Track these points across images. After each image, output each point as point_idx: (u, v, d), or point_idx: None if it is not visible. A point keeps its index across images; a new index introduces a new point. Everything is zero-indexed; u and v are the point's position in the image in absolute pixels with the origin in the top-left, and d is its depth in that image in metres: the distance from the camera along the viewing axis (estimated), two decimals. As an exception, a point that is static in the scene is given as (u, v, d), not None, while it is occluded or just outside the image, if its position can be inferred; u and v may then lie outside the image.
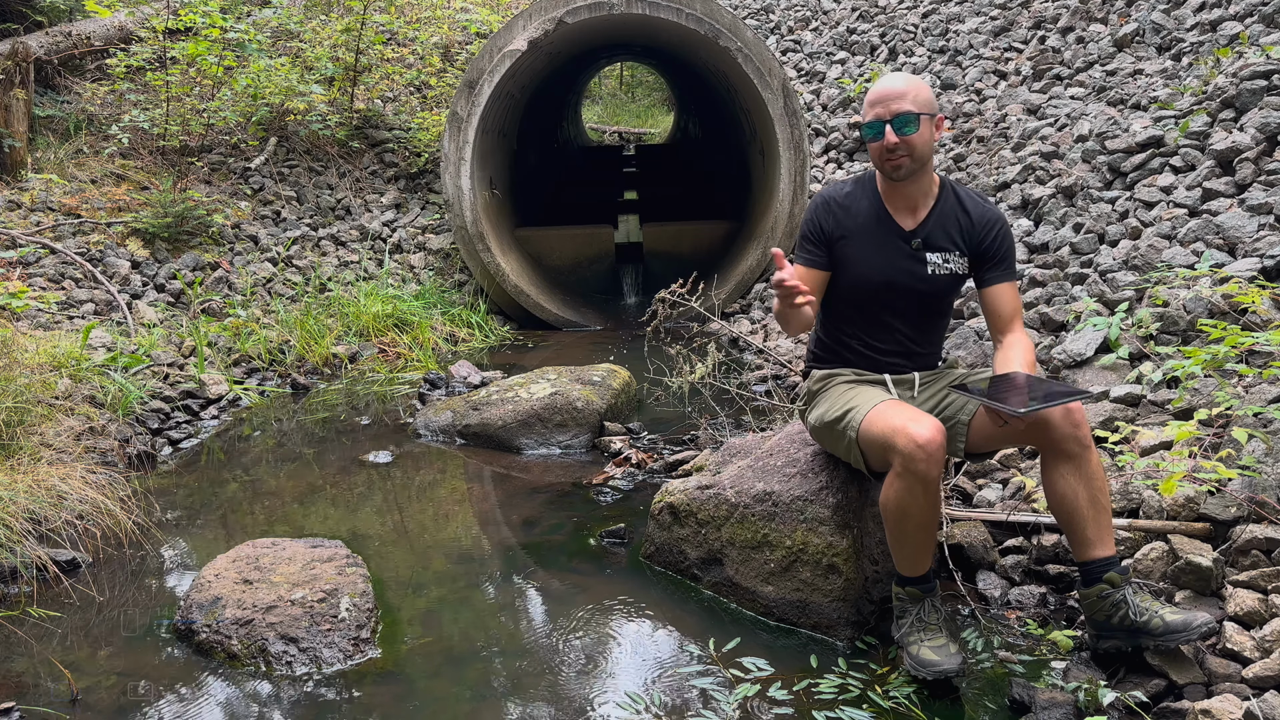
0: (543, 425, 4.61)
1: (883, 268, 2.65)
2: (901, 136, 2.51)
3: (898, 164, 2.55)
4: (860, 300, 2.70)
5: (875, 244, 2.65)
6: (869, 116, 2.57)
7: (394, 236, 7.73)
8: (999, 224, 2.67)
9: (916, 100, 2.52)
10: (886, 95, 2.54)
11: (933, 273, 2.64)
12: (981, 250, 2.66)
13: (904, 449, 2.29)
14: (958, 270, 2.66)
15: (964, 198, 2.69)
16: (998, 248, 2.65)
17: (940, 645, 2.40)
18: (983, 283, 2.68)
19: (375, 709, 2.43)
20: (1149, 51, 6.34)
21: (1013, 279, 2.68)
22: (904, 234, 2.65)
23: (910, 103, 2.51)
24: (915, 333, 2.73)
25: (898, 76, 2.58)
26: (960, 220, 2.66)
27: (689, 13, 6.85)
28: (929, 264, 2.64)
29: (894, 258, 2.65)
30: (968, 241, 2.65)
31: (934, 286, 2.66)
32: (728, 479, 3.05)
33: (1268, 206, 3.95)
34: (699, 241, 8.21)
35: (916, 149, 2.54)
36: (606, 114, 18.08)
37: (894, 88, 2.53)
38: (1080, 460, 2.36)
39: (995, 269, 2.66)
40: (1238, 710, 2.02)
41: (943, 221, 2.65)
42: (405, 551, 3.45)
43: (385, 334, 6.53)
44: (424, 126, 8.38)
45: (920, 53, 8.50)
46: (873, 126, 2.56)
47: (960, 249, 2.65)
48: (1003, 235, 2.66)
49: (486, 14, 9.98)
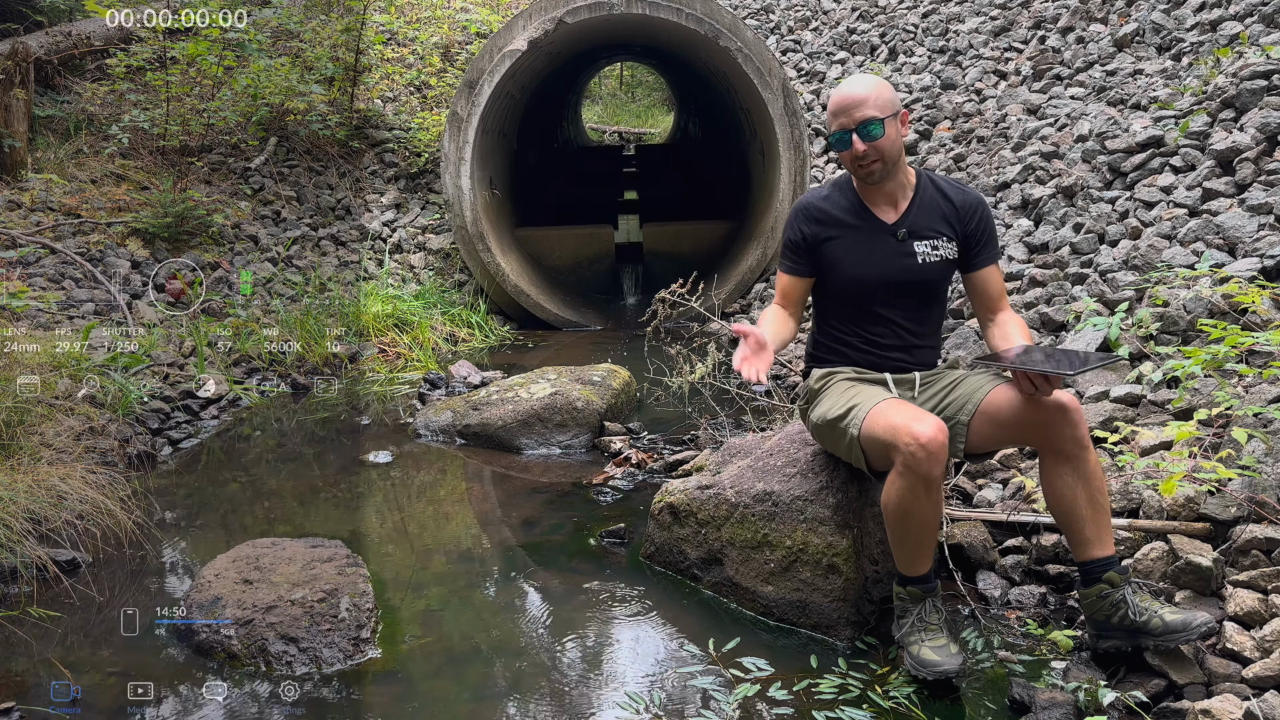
0: (543, 425, 4.61)
1: (874, 263, 2.66)
2: (869, 143, 2.53)
3: (870, 169, 2.58)
4: (855, 297, 2.72)
5: (862, 242, 2.67)
6: (833, 127, 2.58)
7: (394, 236, 7.73)
8: (981, 206, 2.71)
9: (878, 104, 2.53)
10: (848, 103, 2.54)
11: (923, 261, 2.66)
12: (968, 235, 2.69)
13: (906, 448, 2.29)
14: (948, 256, 2.68)
15: (942, 185, 2.72)
16: (983, 230, 2.70)
17: (941, 645, 2.40)
18: (971, 266, 2.72)
19: (375, 709, 2.43)
20: (1149, 51, 6.34)
21: (997, 260, 2.74)
22: (888, 228, 2.67)
23: (872, 107, 2.52)
24: (913, 324, 2.74)
25: (856, 82, 2.58)
26: (943, 207, 2.69)
27: (689, 13, 6.85)
28: (918, 254, 2.66)
29: (883, 252, 2.67)
30: (954, 227, 2.68)
31: (926, 275, 2.68)
32: (728, 479, 3.05)
33: (1268, 206, 3.95)
34: (699, 241, 8.21)
35: (885, 152, 2.55)
36: (606, 114, 18.09)
37: (854, 94, 2.54)
38: (1079, 460, 2.36)
39: (983, 252, 2.71)
40: (1238, 710, 2.02)
41: (925, 210, 2.68)
42: (405, 551, 3.45)
43: (385, 334, 6.53)
44: (424, 126, 8.38)
45: (920, 53, 8.50)
46: (837, 138, 2.58)
47: (948, 235, 2.68)
48: (986, 217, 2.71)
49: (486, 14, 9.99)
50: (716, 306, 6.63)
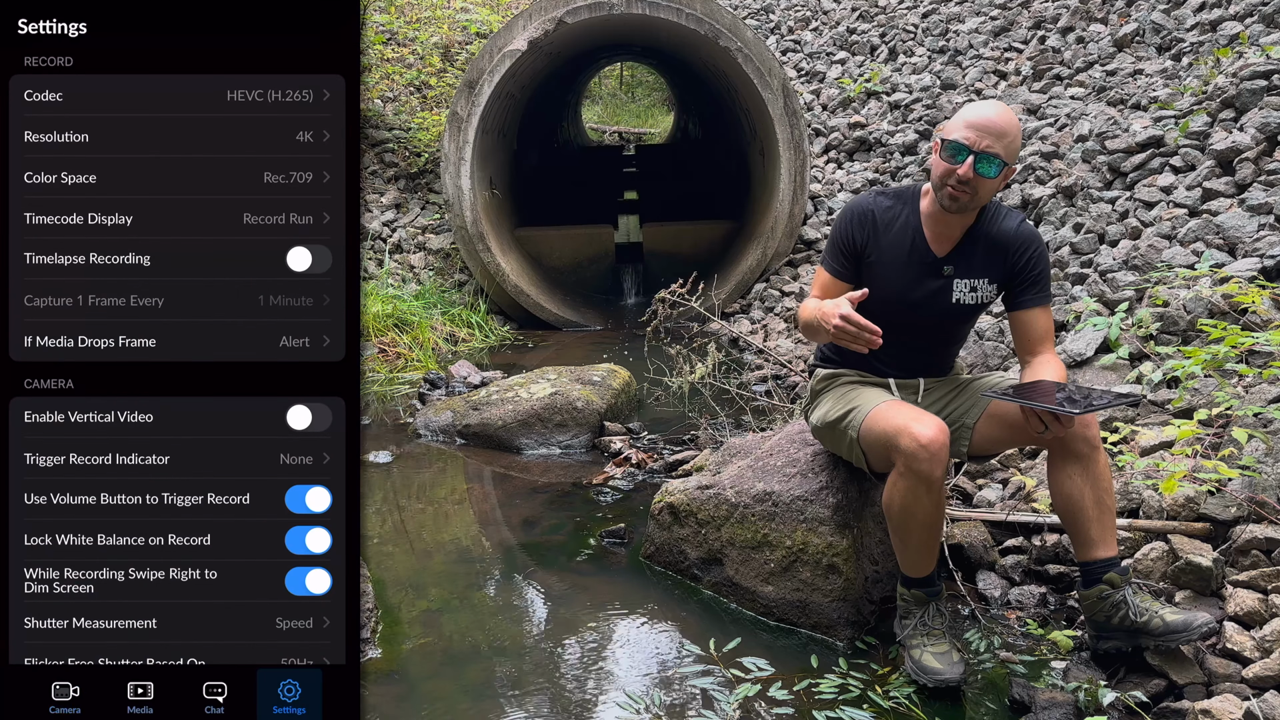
0: (543, 425, 4.61)
1: (907, 293, 2.56)
2: (977, 175, 2.36)
3: (957, 196, 2.41)
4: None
5: (904, 267, 2.56)
6: (956, 134, 2.38)
7: (394, 236, 7.74)
8: (1031, 245, 2.53)
9: (1009, 148, 2.37)
10: (986, 126, 2.35)
11: (957, 301, 2.55)
12: (1013, 274, 2.54)
13: (906, 448, 2.29)
14: (984, 299, 2.57)
15: (1001, 218, 2.57)
16: (1030, 270, 2.52)
17: (943, 653, 2.40)
18: (1013, 306, 2.57)
19: (375, 709, 2.43)
20: (1149, 51, 6.34)
21: (1046, 303, 2.54)
22: (935, 260, 2.55)
23: (1003, 148, 2.36)
24: (930, 355, 2.69)
25: (1002, 111, 2.39)
26: (994, 243, 2.54)
27: (689, 13, 6.85)
28: (954, 292, 2.55)
29: (920, 284, 2.56)
30: (1000, 267, 2.55)
31: (955, 316, 2.59)
32: (728, 479, 3.05)
33: (1268, 206, 3.95)
34: (699, 241, 8.21)
35: (981, 193, 2.40)
36: (606, 114, 18.09)
37: (996, 122, 2.35)
38: (1088, 461, 2.34)
39: (1026, 292, 2.53)
40: (1238, 710, 2.02)
41: (976, 247, 2.55)
42: (405, 551, 3.45)
43: (385, 334, 6.53)
44: (424, 126, 8.38)
45: (920, 53, 8.51)
46: (956, 147, 2.37)
47: (991, 275, 2.55)
48: (1036, 258, 2.53)
49: (486, 14, 9.99)
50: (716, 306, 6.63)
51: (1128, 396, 2.27)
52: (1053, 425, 2.22)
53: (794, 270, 7.08)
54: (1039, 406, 2.18)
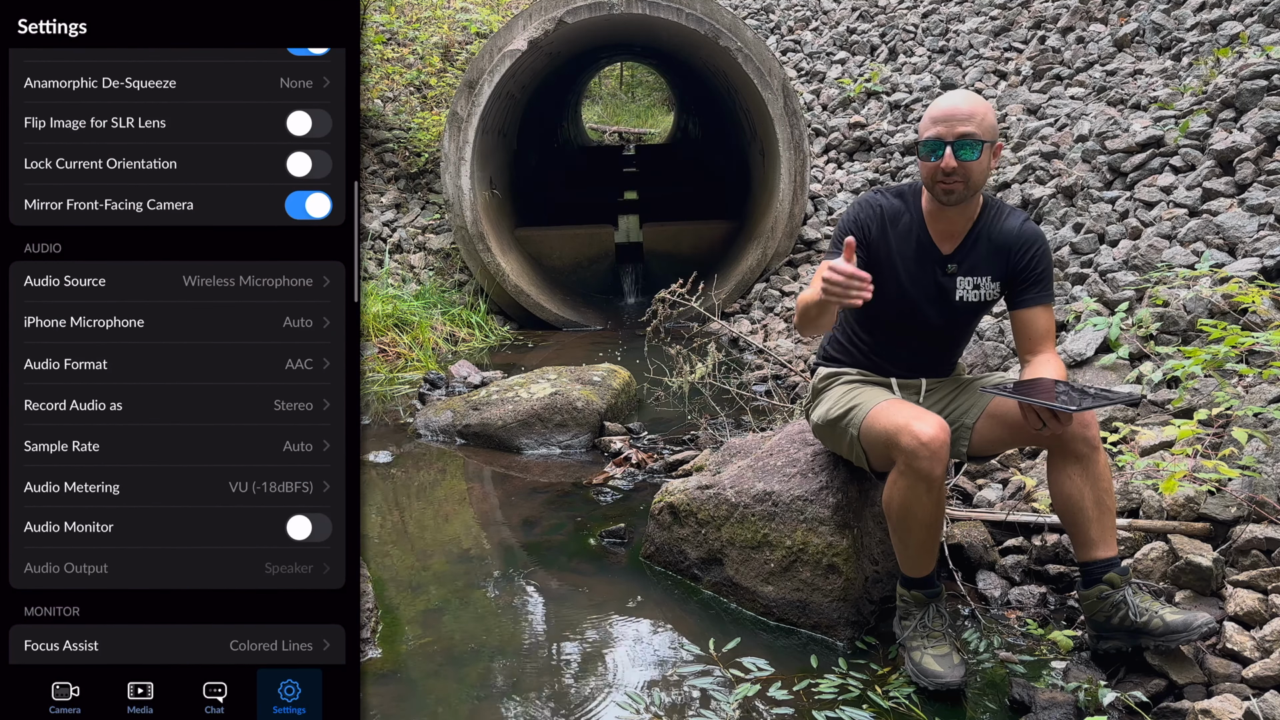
0: (543, 425, 4.61)
1: (911, 290, 2.56)
2: (960, 161, 2.35)
3: (950, 189, 2.40)
4: (881, 315, 2.63)
5: (908, 264, 2.55)
6: (928, 134, 2.39)
7: (394, 236, 7.74)
8: (1034, 244, 2.52)
9: (982, 125, 2.35)
10: (951, 114, 2.35)
11: (960, 299, 2.55)
12: (1015, 272, 2.53)
13: (907, 447, 2.29)
14: (986, 297, 2.56)
15: (1004, 216, 2.55)
16: (1033, 268, 2.51)
17: (944, 655, 2.40)
18: (1015, 304, 2.56)
19: (375, 709, 2.43)
20: (1149, 51, 6.34)
21: (1048, 302, 2.53)
22: (940, 258, 2.55)
23: (975, 126, 2.34)
24: (931, 354, 2.69)
25: (963, 96, 2.40)
26: (998, 241, 2.53)
27: (689, 13, 6.85)
28: (958, 290, 2.54)
29: (925, 281, 2.55)
30: (1003, 265, 2.54)
31: (958, 314, 2.59)
32: (728, 479, 3.05)
33: (1268, 206, 3.95)
34: (699, 241, 8.21)
35: (973, 177, 2.38)
36: (606, 114, 18.09)
37: (960, 107, 2.35)
38: (1089, 461, 2.34)
39: (1028, 291, 2.52)
40: (1238, 710, 2.02)
41: (980, 245, 2.54)
42: (405, 551, 3.45)
43: (385, 334, 6.53)
44: (424, 126, 8.38)
45: (920, 53, 8.51)
46: (931, 145, 2.38)
47: (993, 273, 2.54)
48: (1038, 256, 2.52)
49: (486, 14, 9.99)
50: (716, 306, 6.63)
51: (1127, 396, 2.27)
52: (1050, 423, 2.21)
53: (794, 270, 7.08)
54: (1037, 403, 2.18)
